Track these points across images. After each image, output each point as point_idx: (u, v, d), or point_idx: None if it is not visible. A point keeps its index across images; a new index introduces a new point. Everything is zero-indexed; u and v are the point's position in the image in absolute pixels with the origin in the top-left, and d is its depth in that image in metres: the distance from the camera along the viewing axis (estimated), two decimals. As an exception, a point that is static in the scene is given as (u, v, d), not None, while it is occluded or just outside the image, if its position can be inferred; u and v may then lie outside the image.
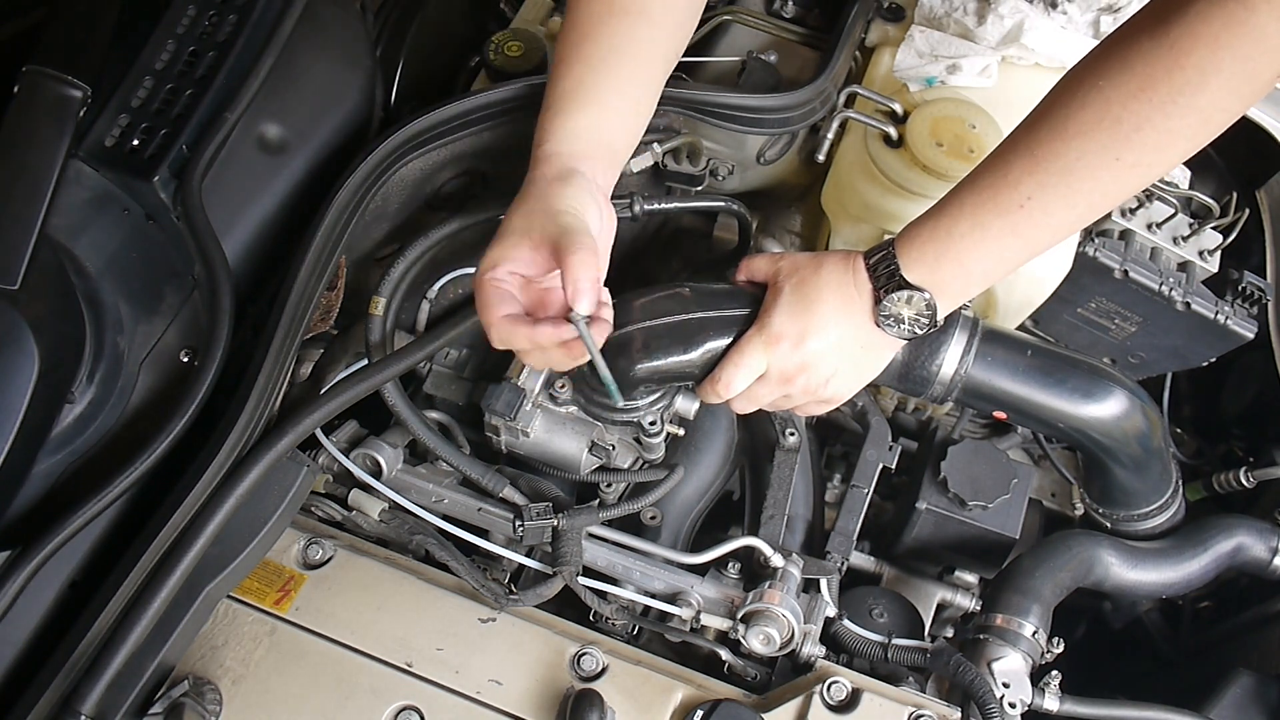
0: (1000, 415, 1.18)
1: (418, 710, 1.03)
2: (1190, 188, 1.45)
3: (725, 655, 1.15)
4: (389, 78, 1.53)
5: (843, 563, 1.25)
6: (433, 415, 1.26)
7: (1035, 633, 1.14)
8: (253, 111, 1.19)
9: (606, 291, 0.98)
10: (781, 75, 1.46)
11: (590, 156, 1.03)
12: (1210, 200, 1.41)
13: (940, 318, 1.03)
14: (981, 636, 1.15)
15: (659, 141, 1.27)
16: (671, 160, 1.28)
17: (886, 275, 1.01)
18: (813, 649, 1.12)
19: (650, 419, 1.15)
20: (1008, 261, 1.01)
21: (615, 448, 1.19)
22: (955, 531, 1.30)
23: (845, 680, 1.06)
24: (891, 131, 1.28)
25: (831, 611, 1.17)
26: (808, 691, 1.06)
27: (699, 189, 1.31)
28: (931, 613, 1.37)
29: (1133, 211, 1.39)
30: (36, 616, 0.96)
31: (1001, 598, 1.17)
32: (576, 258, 0.90)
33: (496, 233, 0.99)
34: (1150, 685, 1.36)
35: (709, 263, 1.46)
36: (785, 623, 1.10)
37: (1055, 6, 1.35)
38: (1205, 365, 1.43)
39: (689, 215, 1.49)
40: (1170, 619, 1.58)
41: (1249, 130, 1.49)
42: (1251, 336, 1.36)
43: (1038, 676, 1.14)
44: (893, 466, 1.33)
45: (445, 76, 1.68)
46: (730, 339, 1.07)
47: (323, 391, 1.13)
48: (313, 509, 1.20)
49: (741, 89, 1.41)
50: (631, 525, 1.26)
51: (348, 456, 1.18)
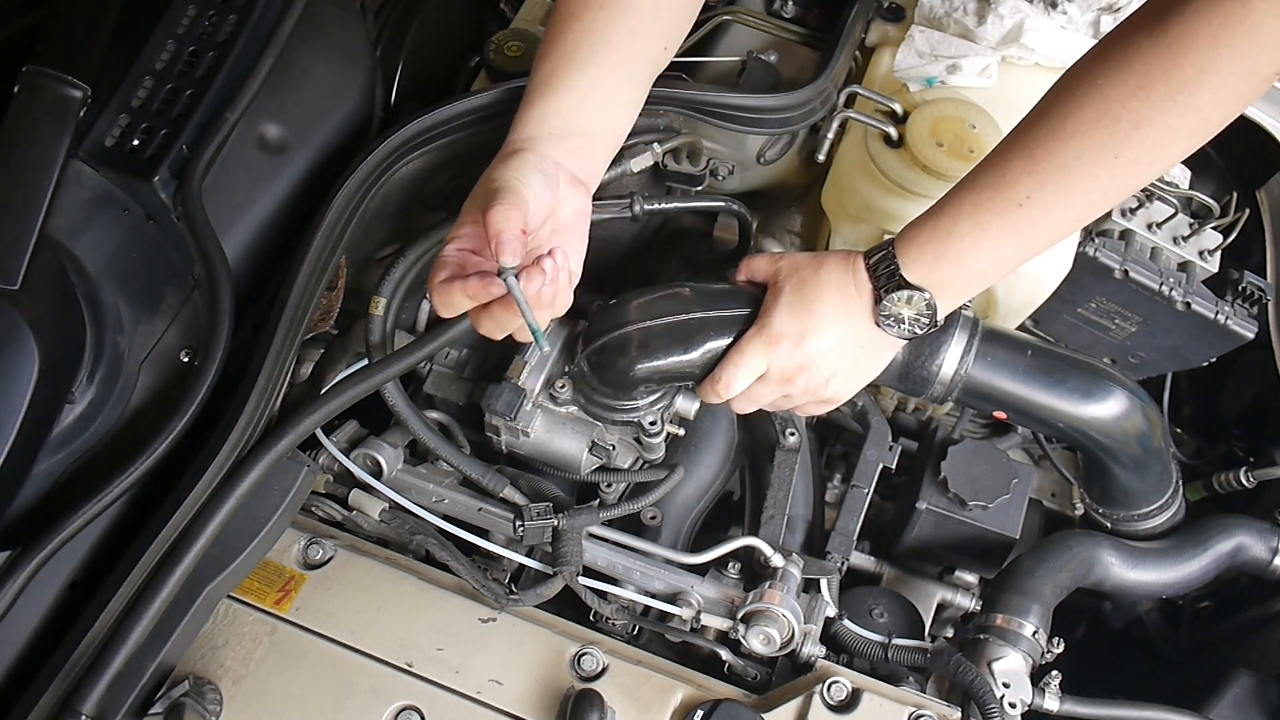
0: (1000, 415, 1.18)
1: (418, 710, 1.03)
2: (1190, 188, 1.45)
3: (725, 655, 1.15)
4: (389, 78, 1.53)
5: (843, 563, 1.25)
6: (433, 415, 1.26)
7: (1035, 633, 1.14)
8: (253, 111, 1.19)
9: (562, 254, 0.93)
10: (781, 75, 1.46)
11: (551, 140, 1.01)
12: (1210, 200, 1.41)
13: (940, 317, 1.03)
14: (981, 636, 1.15)
15: (659, 141, 1.27)
16: (671, 160, 1.28)
17: (886, 275, 1.02)
18: (813, 649, 1.12)
19: (650, 419, 1.15)
20: (1007, 261, 1.01)
21: (615, 448, 1.19)
22: (955, 531, 1.30)
23: (845, 680, 1.06)
24: (891, 131, 1.28)
25: (831, 611, 1.17)
26: (808, 691, 1.06)
27: (699, 189, 1.31)
28: (931, 613, 1.37)
29: (1133, 211, 1.39)
30: (36, 616, 0.96)
31: (1001, 598, 1.17)
32: (494, 212, 0.90)
33: None
34: (1150, 685, 1.36)
35: (709, 263, 1.46)
36: (785, 623, 1.10)
37: (1055, 6, 1.34)
38: (1205, 365, 1.42)
39: (689, 215, 1.49)
40: (1170, 619, 1.58)
41: (1249, 130, 1.48)
42: (1251, 336, 1.36)
43: (1038, 676, 1.14)
44: (893, 466, 1.33)
45: (445, 76, 1.68)
46: (730, 339, 1.07)
47: (323, 391, 1.13)
48: (313, 509, 1.20)
49: (741, 89, 1.41)
50: (632, 525, 1.26)
51: (348, 456, 1.18)
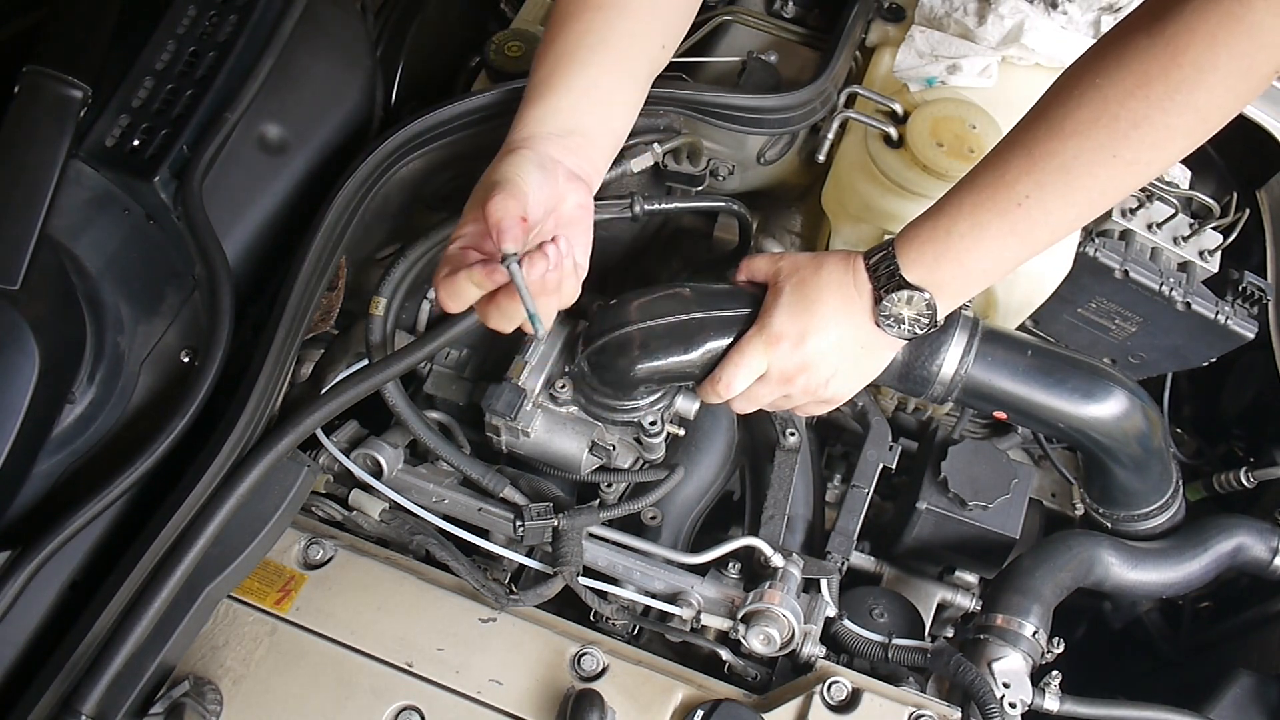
0: (1000, 415, 1.18)
1: (418, 710, 1.03)
2: (1190, 188, 1.45)
3: (725, 655, 1.15)
4: (389, 78, 1.52)
5: (843, 563, 1.25)
6: (433, 415, 1.26)
7: (1035, 633, 1.14)
8: (253, 111, 1.19)
9: (565, 242, 0.92)
10: (781, 75, 1.46)
11: (549, 139, 1.01)
12: (1210, 200, 1.41)
13: (940, 318, 1.03)
14: (982, 636, 1.15)
15: (659, 141, 1.27)
16: (671, 160, 1.28)
17: (886, 275, 1.02)
18: (813, 649, 1.12)
19: (650, 419, 1.15)
20: (1007, 261, 1.01)
21: (615, 448, 1.19)
22: (955, 531, 1.30)
23: (845, 680, 1.06)
24: (891, 131, 1.28)
25: (832, 611, 1.17)
26: (808, 691, 1.06)
27: (699, 189, 1.31)
28: (931, 613, 1.36)
29: (1133, 211, 1.39)
30: (36, 616, 0.96)
31: (1001, 598, 1.17)
32: (492, 202, 0.90)
33: None
34: (1150, 685, 1.36)
35: (709, 263, 1.46)
36: (785, 623, 1.10)
37: (1055, 6, 1.34)
38: (1205, 365, 1.42)
39: (689, 215, 1.49)
40: (1170, 619, 1.58)
41: (1249, 130, 1.49)
42: (1251, 336, 1.36)
43: (1038, 676, 1.14)
44: (893, 466, 1.33)
45: (445, 76, 1.68)
46: (730, 339, 1.07)
47: (323, 391, 1.13)
48: (313, 509, 1.20)
49: (741, 89, 1.41)
50: (632, 525, 1.26)
51: (348, 456, 1.18)
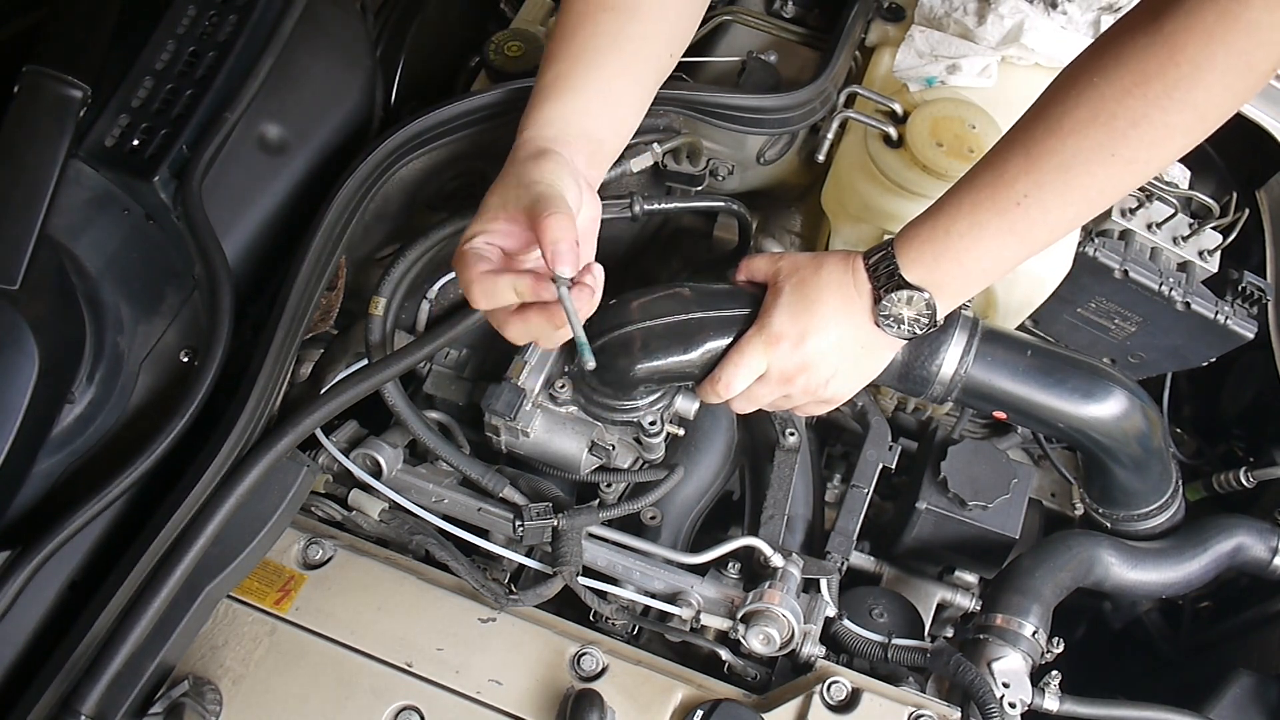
0: (1000, 415, 1.18)
1: (418, 710, 1.03)
2: (1190, 188, 1.45)
3: (725, 655, 1.15)
4: (389, 78, 1.53)
5: (843, 563, 1.25)
6: (433, 415, 1.26)
7: (1035, 633, 1.14)
8: (253, 111, 1.19)
9: (600, 269, 0.92)
10: (781, 75, 1.46)
11: (568, 142, 1.00)
12: (1210, 200, 1.41)
13: (940, 317, 1.03)
14: (981, 636, 1.15)
15: (659, 141, 1.27)
16: (671, 160, 1.28)
17: (886, 275, 1.01)
18: (813, 649, 1.12)
19: (650, 419, 1.15)
20: (1006, 260, 1.01)
21: (615, 448, 1.19)
22: (955, 531, 1.30)
23: (845, 680, 1.06)
24: (891, 131, 1.28)
25: (831, 611, 1.17)
26: (808, 691, 1.06)
27: (699, 189, 1.31)
28: (931, 613, 1.36)
29: (1132, 211, 1.39)
30: (36, 616, 0.96)
31: (1001, 598, 1.17)
32: (552, 219, 0.87)
33: (476, 212, 0.96)
34: (1150, 685, 1.35)
35: (709, 263, 1.46)
36: (785, 623, 1.10)
37: (1055, 6, 1.34)
38: (1205, 365, 1.42)
39: (689, 215, 1.49)
40: (1170, 619, 1.58)
41: (1248, 130, 1.48)
42: (1251, 336, 1.36)
43: (1038, 676, 1.14)
44: (893, 466, 1.33)
45: (445, 76, 1.68)
46: (730, 339, 1.07)
47: (323, 391, 1.13)
48: (313, 509, 1.20)
49: (741, 89, 1.41)
50: (631, 525, 1.26)
51: (348, 456, 1.18)
